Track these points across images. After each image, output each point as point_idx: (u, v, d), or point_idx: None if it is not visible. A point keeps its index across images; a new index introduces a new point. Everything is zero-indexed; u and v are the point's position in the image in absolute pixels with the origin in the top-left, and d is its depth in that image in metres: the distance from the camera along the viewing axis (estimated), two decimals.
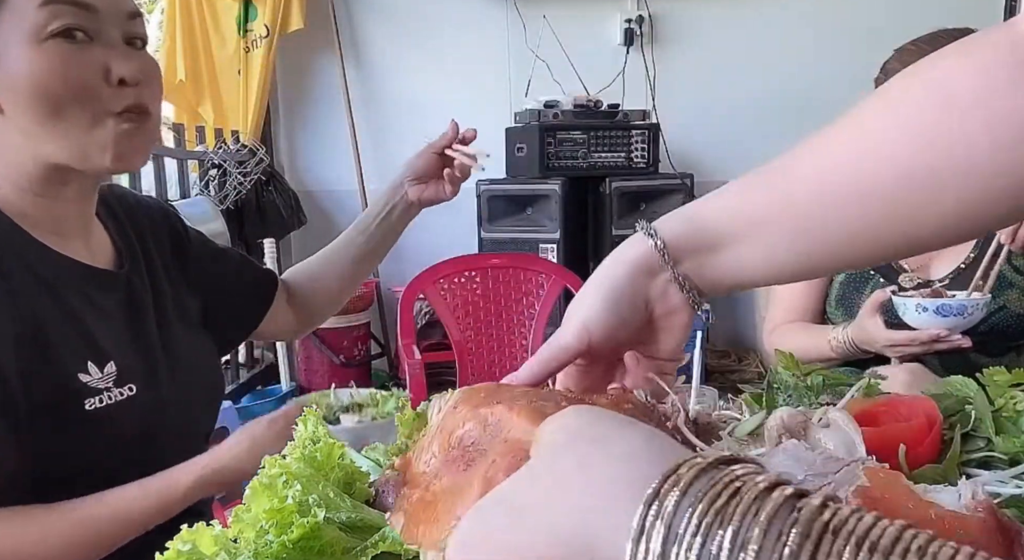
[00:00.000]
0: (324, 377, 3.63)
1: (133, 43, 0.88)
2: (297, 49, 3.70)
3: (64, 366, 0.83)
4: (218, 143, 3.46)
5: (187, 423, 0.99)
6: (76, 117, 0.82)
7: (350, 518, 0.63)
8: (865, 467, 0.51)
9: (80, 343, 0.86)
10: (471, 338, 2.34)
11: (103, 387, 0.85)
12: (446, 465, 0.51)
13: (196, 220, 2.91)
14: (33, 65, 0.81)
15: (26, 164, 0.85)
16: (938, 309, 1.24)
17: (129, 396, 0.87)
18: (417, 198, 1.18)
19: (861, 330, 1.33)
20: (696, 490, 0.30)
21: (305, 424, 0.76)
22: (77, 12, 0.82)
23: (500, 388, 0.57)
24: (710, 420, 0.83)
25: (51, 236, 0.89)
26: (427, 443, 0.58)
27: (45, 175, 0.86)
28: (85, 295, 0.90)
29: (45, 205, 0.88)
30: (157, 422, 0.91)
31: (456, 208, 3.74)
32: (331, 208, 3.85)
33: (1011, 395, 0.83)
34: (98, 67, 0.83)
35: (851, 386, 0.87)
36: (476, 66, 3.78)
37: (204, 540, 0.54)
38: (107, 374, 0.86)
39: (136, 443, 0.89)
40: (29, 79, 0.81)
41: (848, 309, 1.49)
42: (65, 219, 0.91)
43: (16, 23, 0.81)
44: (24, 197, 0.87)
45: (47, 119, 0.82)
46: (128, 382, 0.87)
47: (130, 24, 0.87)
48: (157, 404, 0.91)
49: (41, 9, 0.80)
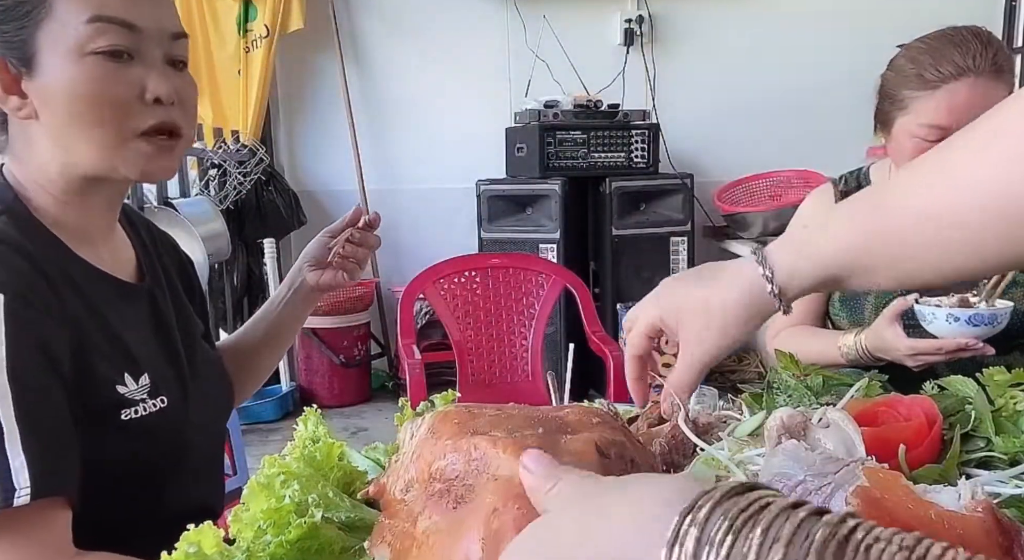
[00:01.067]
0: (324, 377, 3.63)
1: (175, 64, 0.89)
2: (297, 49, 3.70)
3: (104, 377, 0.84)
4: (218, 143, 3.47)
5: (209, 432, 1.01)
6: (108, 132, 0.84)
7: (349, 518, 0.62)
8: (865, 467, 0.51)
9: (117, 355, 0.86)
10: (471, 338, 2.34)
11: (139, 398, 0.86)
12: (432, 500, 0.51)
13: (196, 220, 2.93)
14: (73, 79, 0.82)
15: (56, 171, 0.87)
16: (970, 319, 1.21)
17: (161, 408, 0.88)
18: (315, 283, 1.14)
19: (879, 338, 1.30)
20: (725, 507, 0.32)
21: (305, 424, 0.76)
22: (123, 32, 0.83)
23: (472, 415, 0.57)
24: (710, 420, 0.83)
25: (79, 244, 0.90)
26: (402, 470, 0.58)
27: (73, 183, 0.88)
28: (115, 307, 0.90)
29: (73, 213, 0.89)
30: (185, 432, 0.92)
31: (456, 208, 3.77)
32: (331, 208, 3.85)
33: (1011, 395, 0.83)
34: (135, 85, 0.84)
35: (851, 386, 0.87)
36: (476, 66, 3.78)
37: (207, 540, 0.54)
38: (142, 386, 0.87)
39: (167, 452, 0.90)
40: (67, 92, 0.82)
41: (852, 310, 1.47)
42: (92, 228, 0.92)
43: (60, 35, 0.82)
44: (55, 204, 0.88)
45: (80, 131, 0.83)
46: (161, 394, 0.88)
47: (173, 45, 0.88)
48: (185, 415, 0.92)
49: (88, 25, 0.81)
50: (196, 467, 0.97)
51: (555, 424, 0.57)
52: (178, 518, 0.57)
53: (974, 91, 1.22)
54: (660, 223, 3.42)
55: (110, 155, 0.85)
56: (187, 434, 0.93)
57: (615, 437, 0.56)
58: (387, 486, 0.59)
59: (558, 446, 0.52)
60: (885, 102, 1.35)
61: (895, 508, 0.48)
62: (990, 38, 1.25)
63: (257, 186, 3.51)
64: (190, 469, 0.95)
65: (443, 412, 0.58)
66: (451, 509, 0.50)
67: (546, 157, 3.31)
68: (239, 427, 1.94)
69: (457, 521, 0.49)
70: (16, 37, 0.82)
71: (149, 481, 0.89)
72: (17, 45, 0.82)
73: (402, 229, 3.82)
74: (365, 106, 3.77)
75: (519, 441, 0.51)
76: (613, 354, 2.17)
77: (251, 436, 3.17)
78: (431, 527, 0.50)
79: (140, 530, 0.87)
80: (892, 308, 1.28)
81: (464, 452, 0.52)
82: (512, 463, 0.48)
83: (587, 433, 0.55)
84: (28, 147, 0.87)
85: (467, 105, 3.79)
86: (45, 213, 0.88)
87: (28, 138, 0.86)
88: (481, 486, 0.49)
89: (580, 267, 3.39)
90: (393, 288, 3.58)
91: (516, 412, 0.59)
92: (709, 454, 0.71)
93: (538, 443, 0.51)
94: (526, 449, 0.44)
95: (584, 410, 0.60)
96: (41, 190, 0.88)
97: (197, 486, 0.97)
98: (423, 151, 3.79)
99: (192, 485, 0.96)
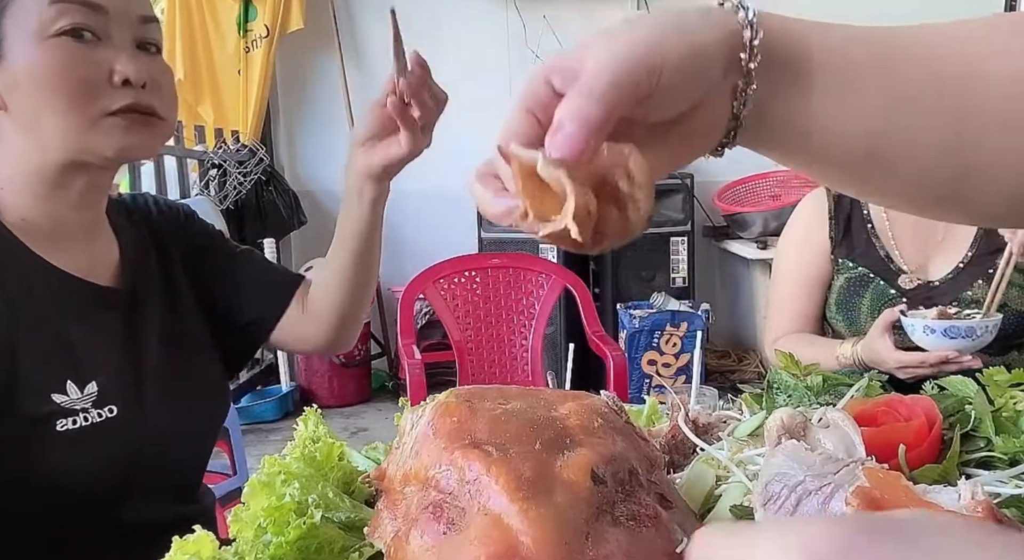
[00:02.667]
0: (324, 377, 3.63)
1: (146, 48, 0.87)
2: (297, 49, 3.70)
3: (38, 385, 0.81)
4: (218, 143, 3.46)
5: (180, 445, 0.95)
6: (77, 114, 0.81)
7: (349, 518, 0.63)
8: (865, 467, 0.51)
9: (60, 362, 0.83)
10: (471, 338, 2.34)
11: (79, 408, 0.83)
12: (425, 514, 0.52)
13: None
14: (37, 61, 0.80)
15: (28, 164, 0.84)
16: (946, 331, 1.23)
17: (109, 418, 0.84)
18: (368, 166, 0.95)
19: (871, 350, 1.32)
20: None
21: (305, 424, 0.76)
22: (86, 12, 0.81)
23: (473, 411, 0.57)
24: (710, 420, 0.83)
25: (49, 246, 0.87)
26: (402, 460, 0.59)
27: (48, 175, 0.85)
28: (79, 311, 0.87)
29: (45, 209, 0.86)
30: (139, 445, 0.88)
31: (456, 208, 3.77)
32: (331, 208, 3.85)
33: (1011, 395, 0.83)
34: (103, 67, 0.82)
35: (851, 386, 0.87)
36: (476, 66, 3.78)
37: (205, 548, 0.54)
38: (87, 394, 0.83)
39: (119, 464, 0.86)
40: (33, 76, 0.80)
41: (848, 314, 1.49)
42: (66, 227, 0.89)
43: (23, 19, 0.80)
44: (23, 201, 0.85)
45: (49, 116, 0.81)
46: (109, 403, 0.85)
47: (143, 28, 0.86)
48: (142, 426, 0.88)
49: (50, 7, 0.80)
50: (162, 481, 0.92)
51: (555, 432, 0.56)
52: (147, 533, 0.55)
53: None
54: (660, 223, 3.42)
55: (83, 137, 0.82)
56: (146, 446, 0.88)
57: (614, 450, 0.56)
58: (388, 473, 0.60)
59: (551, 471, 0.52)
60: None
61: (895, 508, 0.48)
62: None
63: (257, 186, 3.51)
64: (154, 483, 0.90)
65: (443, 406, 0.58)
66: (441, 535, 0.51)
67: None
68: (239, 427, 1.94)
69: (442, 550, 0.50)
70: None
71: (101, 494, 0.85)
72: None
73: (402, 229, 3.82)
74: (365, 106, 3.76)
75: (514, 466, 0.51)
76: (613, 354, 2.17)
77: (251, 436, 3.17)
78: (421, 549, 0.51)
79: (101, 543, 0.85)
80: (882, 319, 1.30)
81: (459, 469, 0.53)
82: (502, 497, 0.50)
83: (585, 450, 0.55)
84: (1, 141, 0.84)
85: (467, 105, 3.78)
86: (8, 211, 0.85)
87: (1, 133, 0.84)
88: (472, 515, 0.51)
89: (580, 267, 3.39)
90: (393, 288, 3.58)
91: (517, 410, 0.58)
92: (708, 454, 0.72)
93: (532, 466, 0.52)
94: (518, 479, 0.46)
95: (586, 409, 0.60)
96: (12, 187, 0.85)
97: (165, 501, 0.92)
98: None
99: (159, 499, 0.91)
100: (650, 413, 0.90)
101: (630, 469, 0.56)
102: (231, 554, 0.55)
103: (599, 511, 0.51)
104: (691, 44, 0.44)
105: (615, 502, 0.53)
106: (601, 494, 0.52)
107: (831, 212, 1.53)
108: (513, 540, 0.48)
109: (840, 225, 1.52)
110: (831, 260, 1.52)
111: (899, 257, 1.49)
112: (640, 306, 3.30)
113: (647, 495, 0.56)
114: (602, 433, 0.58)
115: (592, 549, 0.49)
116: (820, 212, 1.54)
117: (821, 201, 1.55)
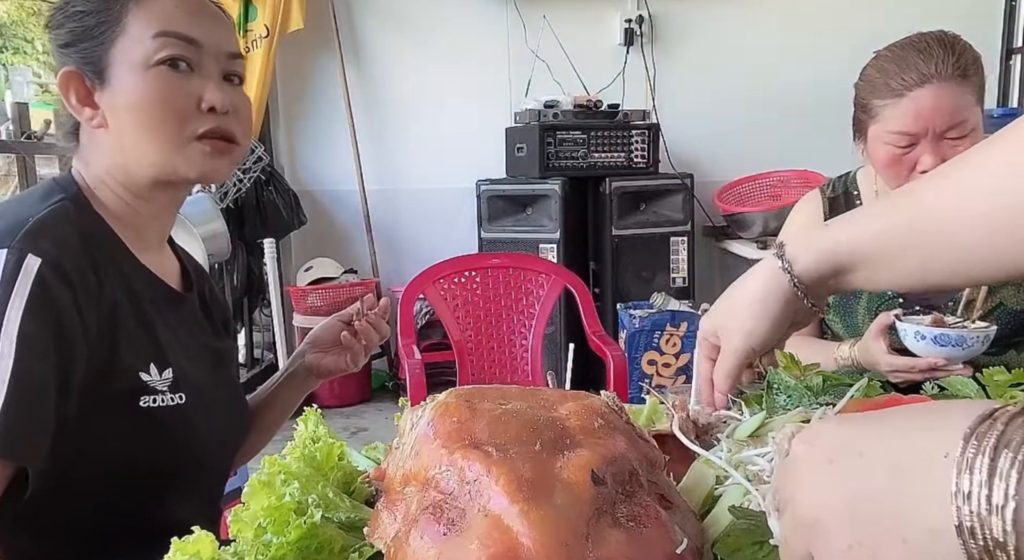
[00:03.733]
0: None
1: (230, 79, 0.97)
2: (297, 49, 3.69)
3: (129, 362, 0.89)
4: None
5: (223, 438, 1.04)
6: (169, 136, 0.91)
7: (349, 518, 0.63)
8: None
9: (147, 346, 0.91)
10: (471, 338, 2.34)
11: (160, 389, 0.91)
12: (426, 514, 0.52)
13: (196, 219, 2.93)
14: (139, 89, 0.90)
15: (121, 175, 0.94)
16: (936, 338, 1.22)
17: (179, 403, 0.92)
18: (315, 365, 1.14)
19: (865, 352, 1.33)
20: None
21: (305, 424, 0.76)
22: (184, 45, 0.91)
23: (473, 412, 0.57)
24: (710, 420, 0.83)
25: (134, 243, 0.96)
26: (401, 460, 0.59)
27: (137, 187, 0.94)
28: (156, 305, 0.96)
29: (132, 217, 0.96)
30: (199, 435, 0.95)
31: (456, 208, 3.77)
32: (331, 208, 3.86)
33: (1011, 395, 0.83)
34: (194, 95, 0.92)
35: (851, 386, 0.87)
36: (476, 66, 3.78)
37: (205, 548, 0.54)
38: (164, 378, 0.91)
39: (179, 446, 0.93)
40: (134, 101, 0.90)
41: (846, 315, 1.49)
42: (147, 234, 0.99)
43: (131, 50, 0.90)
44: (118, 203, 0.95)
45: (145, 136, 0.91)
46: (181, 390, 0.93)
47: (229, 63, 0.96)
48: (202, 415, 0.96)
49: (155, 39, 0.90)
50: (198, 481, 0.99)
51: (555, 432, 0.56)
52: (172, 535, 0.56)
53: (939, 96, 1.25)
54: (660, 223, 3.42)
55: (172, 157, 0.92)
56: (201, 437, 0.96)
57: (615, 451, 0.56)
58: (387, 473, 0.60)
59: (551, 472, 0.52)
60: (858, 111, 1.39)
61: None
62: (954, 43, 1.28)
63: (257, 186, 3.51)
64: (192, 481, 0.97)
65: (443, 406, 0.58)
66: (441, 536, 0.50)
67: (546, 157, 3.31)
68: None
69: (442, 551, 0.50)
70: (93, 53, 0.90)
71: (150, 484, 0.91)
72: (94, 60, 0.91)
73: (402, 229, 3.82)
74: (365, 106, 3.77)
75: (514, 467, 0.51)
76: (613, 354, 2.17)
77: None
78: (421, 549, 0.51)
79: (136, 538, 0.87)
80: (877, 323, 1.30)
81: (459, 469, 0.53)
82: (502, 498, 0.50)
83: (585, 451, 0.55)
84: (96, 153, 0.94)
85: (467, 105, 3.79)
86: (107, 208, 0.94)
87: (96, 145, 0.94)
88: (472, 517, 0.50)
89: (580, 267, 3.39)
90: (393, 288, 3.58)
91: (518, 410, 0.58)
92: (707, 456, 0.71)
93: (533, 466, 0.52)
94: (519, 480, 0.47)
95: (587, 410, 0.60)
96: (107, 190, 0.95)
97: (195, 503, 0.98)
98: (423, 151, 3.79)
99: (190, 500, 0.97)
100: (650, 413, 0.90)
101: (630, 470, 0.56)
102: (231, 554, 0.55)
103: (599, 512, 0.51)
104: (782, 324, 0.76)
105: (615, 503, 0.53)
106: (601, 495, 0.52)
107: (826, 214, 1.53)
108: (513, 541, 0.48)
109: None
110: None
111: None
112: (640, 306, 3.30)
113: (647, 496, 0.56)
114: (602, 433, 0.57)
115: (592, 550, 0.49)
116: (815, 214, 1.54)
117: (816, 203, 1.55)
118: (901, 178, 1.35)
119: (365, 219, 3.75)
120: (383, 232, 3.83)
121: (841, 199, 1.53)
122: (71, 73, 0.91)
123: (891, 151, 1.32)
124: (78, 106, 0.92)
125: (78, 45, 0.91)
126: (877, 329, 1.30)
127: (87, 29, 0.91)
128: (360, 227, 3.78)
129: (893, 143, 1.31)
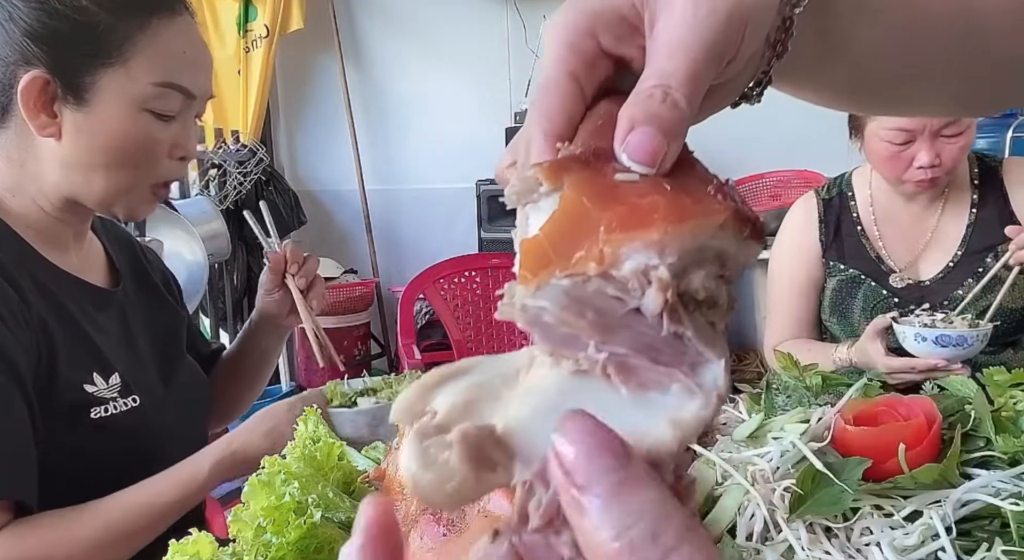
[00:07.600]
0: (323, 377, 3.62)
1: (198, 117, 0.95)
2: (297, 49, 3.69)
3: (70, 377, 0.85)
4: (218, 143, 3.46)
5: (186, 438, 1.01)
6: (127, 180, 0.89)
7: (349, 518, 0.63)
8: None
9: (84, 355, 0.88)
10: (471, 338, 2.34)
11: (109, 397, 0.88)
12: (424, 514, 0.53)
13: (196, 220, 2.93)
14: (123, 127, 0.86)
15: (52, 190, 0.89)
16: (937, 339, 1.23)
17: (134, 407, 0.89)
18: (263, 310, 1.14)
19: (862, 353, 1.33)
20: None
21: (305, 423, 0.76)
22: (182, 99, 0.89)
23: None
24: None
25: (47, 247, 0.92)
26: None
27: (63, 202, 0.91)
28: (85, 310, 0.92)
29: (48, 221, 0.92)
30: (160, 434, 0.93)
31: (456, 208, 3.77)
32: (331, 208, 3.85)
33: (1011, 395, 0.83)
34: (167, 142, 0.90)
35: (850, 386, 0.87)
36: (476, 66, 3.78)
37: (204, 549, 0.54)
38: (112, 385, 0.88)
39: (141, 454, 0.91)
40: (112, 136, 0.86)
41: (842, 315, 1.50)
42: (64, 235, 0.95)
43: (126, 87, 0.86)
44: (33, 211, 0.91)
45: (104, 171, 0.87)
46: (133, 393, 0.90)
47: (203, 104, 0.94)
48: (160, 416, 0.93)
49: (155, 88, 0.87)
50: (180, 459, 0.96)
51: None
52: None
53: None
54: None
55: (117, 197, 0.90)
56: (162, 436, 0.93)
57: None
58: (388, 473, 0.60)
59: None
60: None
61: None
62: None
63: (257, 186, 3.51)
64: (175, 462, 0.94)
65: None
66: (441, 536, 0.51)
67: None
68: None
69: (441, 551, 0.50)
70: (76, 69, 0.84)
71: (129, 478, 0.88)
72: (72, 75, 0.84)
73: (402, 229, 3.82)
74: (365, 106, 3.77)
75: None
76: None
77: None
78: (421, 550, 0.51)
79: None
80: (874, 325, 1.31)
81: None
82: (502, 499, 0.49)
83: None
84: (31, 157, 0.88)
85: (467, 105, 3.79)
86: (18, 218, 0.89)
87: (36, 151, 0.88)
88: (472, 517, 0.51)
89: None
90: (393, 288, 3.58)
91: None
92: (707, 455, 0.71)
93: None
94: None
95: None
96: (23, 195, 0.89)
97: None
98: (423, 151, 3.78)
99: None
100: None
101: None
102: (230, 554, 0.55)
103: None
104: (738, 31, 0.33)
105: None
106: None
107: (820, 216, 1.54)
108: None
109: (830, 228, 1.53)
110: (822, 263, 1.53)
111: (889, 257, 1.49)
112: None
113: None
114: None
115: None
116: (809, 216, 1.56)
117: (810, 206, 1.57)
118: (899, 173, 1.36)
119: (365, 219, 3.75)
120: (383, 232, 3.83)
121: (836, 200, 1.55)
122: (43, 80, 0.83)
123: (888, 148, 1.33)
124: (34, 110, 0.84)
125: (56, 49, 0.83)
126: (873, 331, 1.30)
127: (76, 45, 0.84)
128: (360, 227, 3.78)
129: (890, 140, 1.31)
